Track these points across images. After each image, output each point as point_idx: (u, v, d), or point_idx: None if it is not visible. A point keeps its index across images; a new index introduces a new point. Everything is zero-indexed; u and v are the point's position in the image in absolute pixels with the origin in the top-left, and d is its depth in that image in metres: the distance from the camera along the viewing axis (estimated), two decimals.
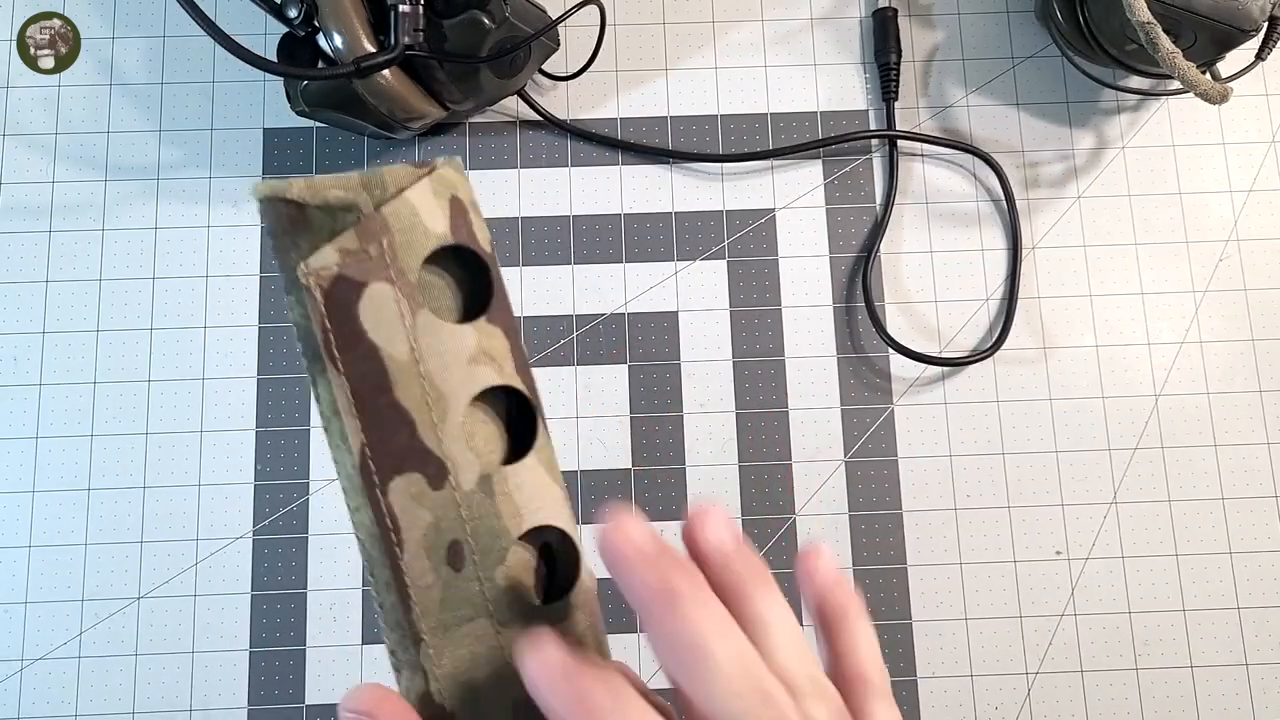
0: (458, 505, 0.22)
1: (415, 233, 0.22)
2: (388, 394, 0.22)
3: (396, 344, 0.22)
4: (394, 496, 0.22)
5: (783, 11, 0.56)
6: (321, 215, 0.22)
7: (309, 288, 0.21)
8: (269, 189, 0.21)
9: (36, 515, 0.50)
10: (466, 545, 0.22)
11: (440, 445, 0.22)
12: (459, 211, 0.23)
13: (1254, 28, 0.48)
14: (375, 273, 0.22)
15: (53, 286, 0.52)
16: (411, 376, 0.22)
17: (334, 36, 0.46)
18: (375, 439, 0.22)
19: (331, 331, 0.22)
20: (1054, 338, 0.53)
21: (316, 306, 0.21)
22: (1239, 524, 0.51)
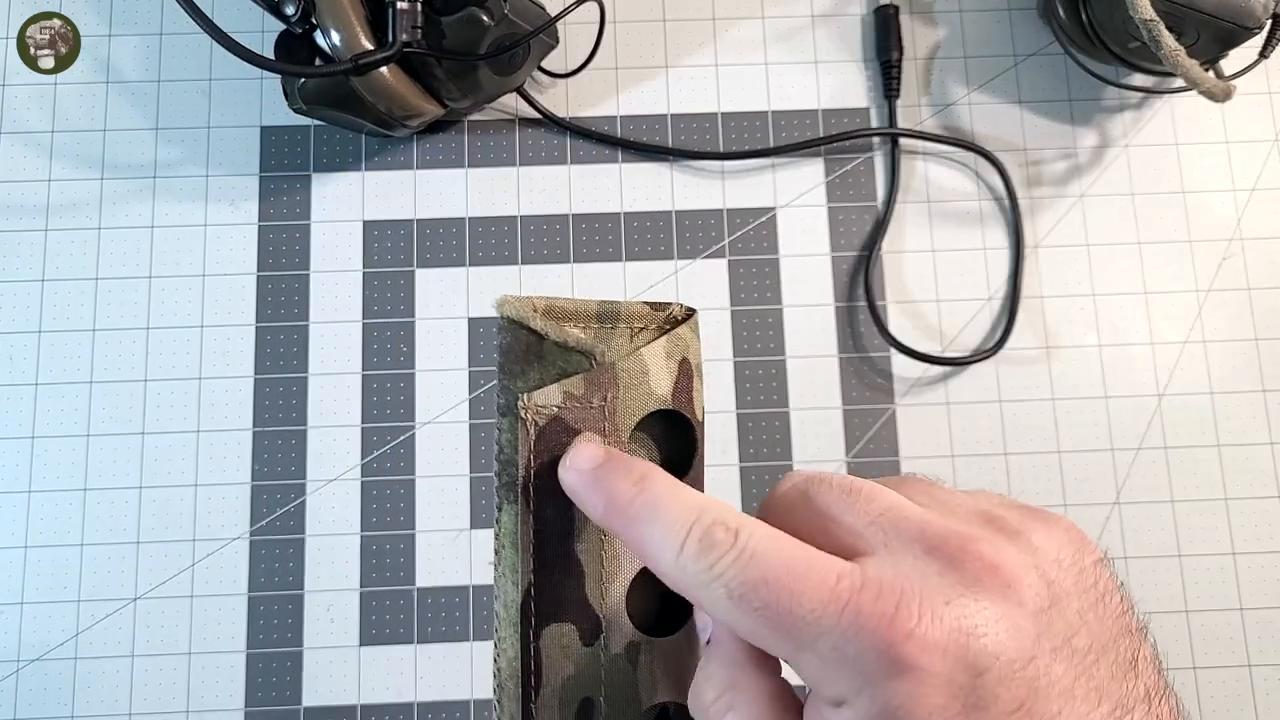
0: (601, 666, 0.23)
1: (639, 392, 0.23)
2: (568, 543, 0.22)
3: (597, 507, 0.22)
4: (545, 642, 0.22)
5: (784, 8, 0.56)
6: (557, 350, 0.22)
7: (525, 421, 0.22)
8: (515, 311, 0.22)
9: (32, 515, 0.50)
10: (598, 706, 0.23)
11: (602, 605, 0.23)
12: (685, 375, 0.24)
13: (1257, 25, 0.47)
14: (592, 424, 0.22)
15: (49, 285, 0.52)
16: (594, 532, 0.22)
17: (331, 34, 0.46)
18: (544, 582, 0.22)
19: (535, 470, 0.22)
20: (1056, 337, 0.53)
21: (528, 441, 0.22)
22: (1242, 525, 0.51)
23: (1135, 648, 0.19)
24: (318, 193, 0.54)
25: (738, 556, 0.19)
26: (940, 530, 0.19)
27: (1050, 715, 0.18)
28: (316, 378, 0.52)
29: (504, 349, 0.22)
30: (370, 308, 0.52)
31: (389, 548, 0.50)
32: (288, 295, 0.52)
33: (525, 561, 0.22)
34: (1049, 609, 0.18)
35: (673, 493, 0.21)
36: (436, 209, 0.54)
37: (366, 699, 0.49)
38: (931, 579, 0.18)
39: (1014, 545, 0.19)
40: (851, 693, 0.18)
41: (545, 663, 0.22)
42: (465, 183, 0.54)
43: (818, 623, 0.18)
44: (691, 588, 0.20)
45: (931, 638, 0.17)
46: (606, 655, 0.23)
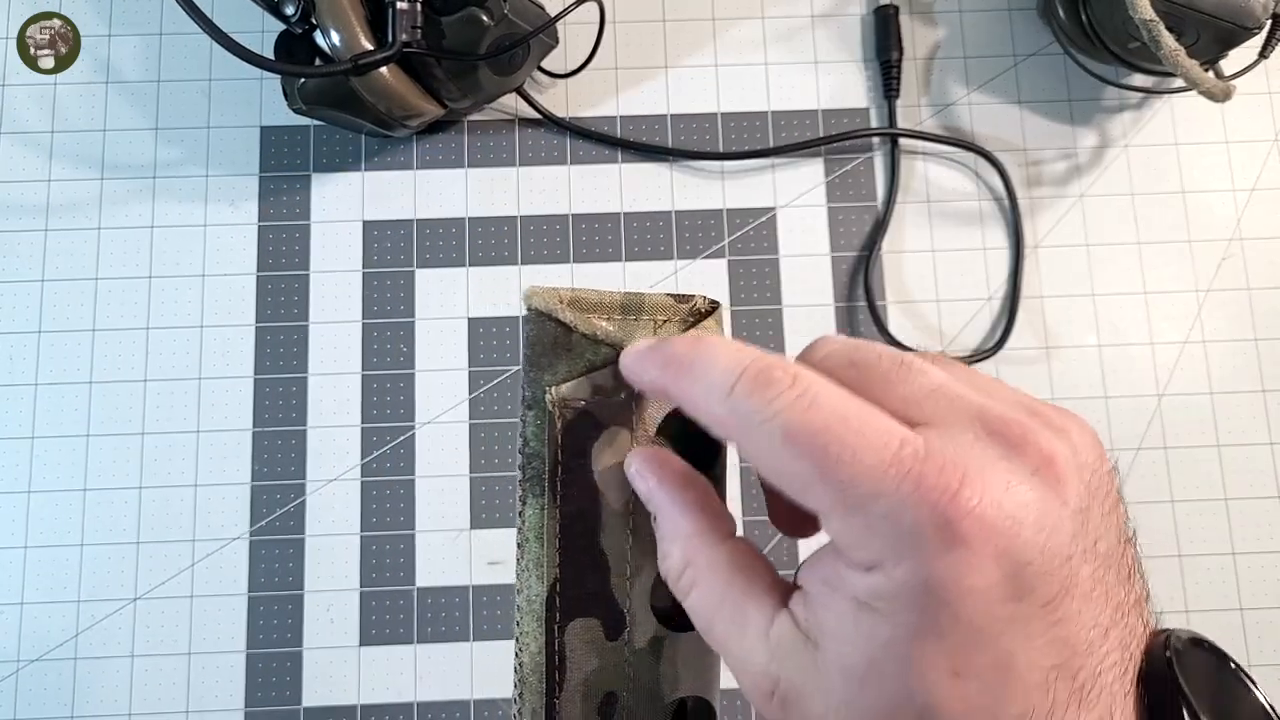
0: (625, 660, 0.23)
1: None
2: (594, 538, 0.22)
3: (615, 491, 0.22)
4: (569, 636, 0.22)
5: (784, 8, 0.56)
6: (585, 342, 0.22)
7: (553, 414, 0.22)
8: (543, 302, 0.22)
9: (32, 516, 0.50)
10: (621, 699, 0.23)
11: (627, 599, 0.22)
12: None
13: (1257, 26, 0.47)
14: (620, 418, 0.22)
15: (48, 285, 0.52)
16: (621, 529, 0.22)
17: (331, 34, 0.46)
18: (569, 576, 0.22)
19: (562, 464, 0.22)
20: (1056, 337, 0.53)
21: (555, 434, 0.22)
22: (1242, 525, 0.51)
23: (1132, 555, 0.20)
24: (318, 193, 0.54)
25: (799, 397, 0.19)
26: (1000, 414, 0.19)
27: (1073, 614, 0.18)
28: (316, 378, 0.52)
29: (531, 340, 0.22)
30: (370, 308, 0.52)
31: (389, 548, 0.50)
32: (288, 295, 0.52)
33: (551, 556, 0.22)
34: (1085, 510, 0.19)
35: (729, 343, 0.20)
36: (436, 209, 0.54)
37: (366, 699, 0.49)
38: (995, 462, 0.18)
39: (1062, 441, 0.19)
40: (891, 560, 0.18)
41: (569, 657, 0.22)
42: (465, 183, 0.54)
43: (876, 484, 0.18)
44: (742, 428, 0.19)
45: (990, 519, 0.17)
46: (631, 649, 0.23)
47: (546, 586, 0.22)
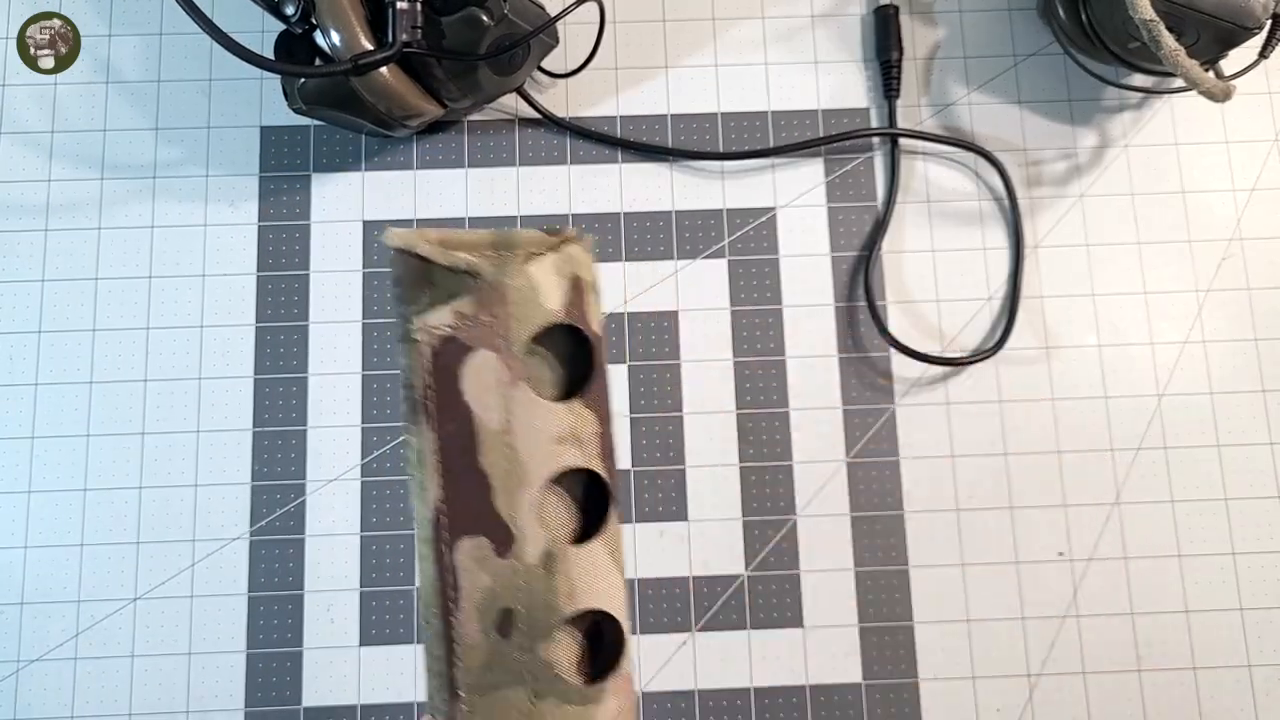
0: (517, 576, 0.23)
1: (530, 307, 0.23)
2: (472, 457, 0.23)
3: (490, 411, 0.23)
4: (459, 555, 0.23)
5: (784, 9, 0.56)
6: (447, 275, 0.23)
7: (419, 343, 0.23)
8: (402, 240, 0.23)
9: (32, 516, 0.50)
10: (518, 615, 0.23)
11: (513, 515, 0.23)
12: (577, 291, 0.24)
13: (1257, 26, 0.47)
14: (484, 340, 0.23)
15: (49, 285, 0.52)
16: (498, 444, 0.23)
17: (331, 34, 0.46)
18: (452, 497, 0.23)
19: (432, 389, 0.23)
20: (1056, 337, 0.53)
21: (423, 362, 0.23)
22: (1242, 525, 0.51)
23: None
24: (318, 193, 0.54)
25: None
26: None
27: None
28: (316, 378, 0.52)
29: (395, 278, 0.23)
30: (370, 308, 0.52)
31: (389, 548, 0.50)
32: (288, 295, 0.52)
33: (432, 478, 0.23)
34: None
35: None
36: (436, 209, 0.54)
37: (366, 699, 0.49)
38: None
39: None
40: None
41: (461, 575, 0.23)
42: (465, 183, 0.54)
43: None
44: None
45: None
46: (522, 565, 0.23)
47: (431, 509, 0.23)
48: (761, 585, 0.50)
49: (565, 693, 0.24)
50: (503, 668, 0.23)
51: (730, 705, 0.49)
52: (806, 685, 0.49)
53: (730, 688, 0.49)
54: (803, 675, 0.49)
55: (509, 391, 0.23)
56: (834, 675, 0.49)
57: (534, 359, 0.24)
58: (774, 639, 0.50)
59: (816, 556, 0.50)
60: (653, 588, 0.50)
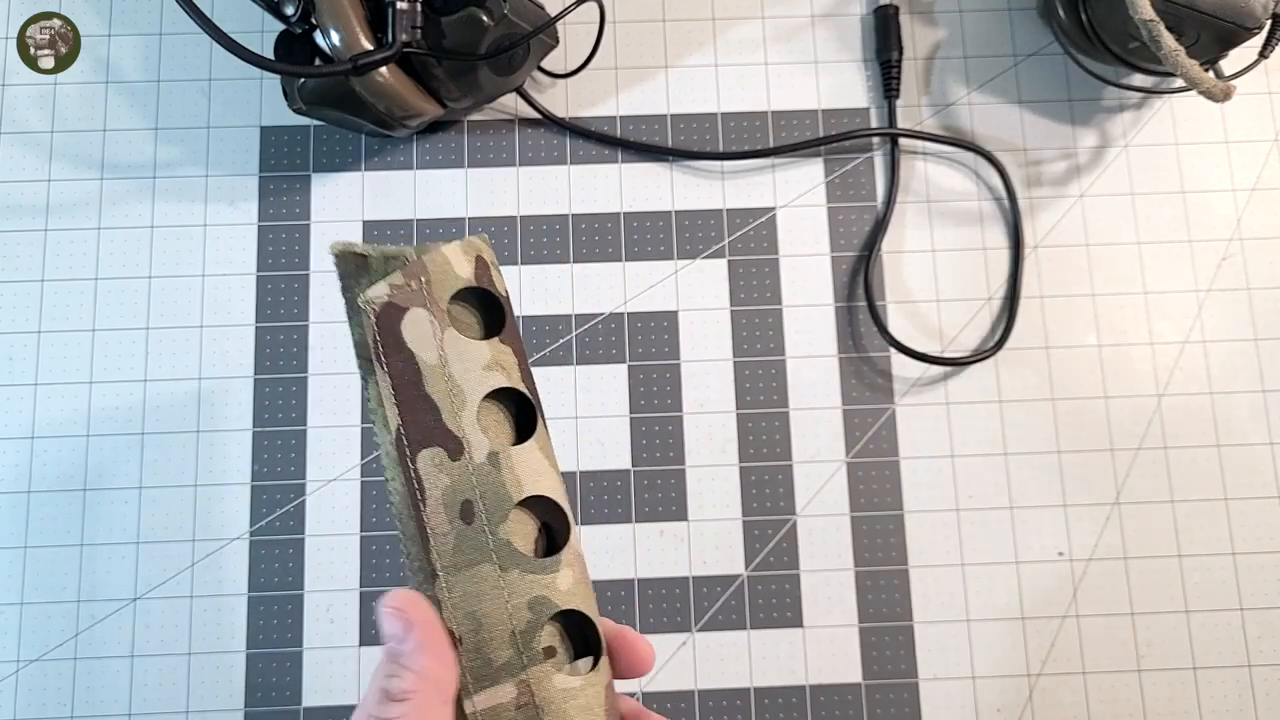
0: (470, 473, 0.28)
1: (446, 275, 0.29)
2: (420, 387, 0.29)
3: (429, 351, 0.29)
4: (421, 464, 0.28)
5: (784, 8, 0.56)
6: (379, 262, 0.29)
7: (366, 311, 0.29)
8: (343, 246, 0.30)
9: (32, 516, 0.50)
10: (477, 504, 0.28)
11: (460, 427, 0.29)
12: (482, 265, 0.30)
13: (1257, 25, 0.47)
14: (415, 301, 0.29)
15: (48, 285, 0.52)
16: (439, 376, 0.29)
17: (331, 34, 0.46)
18: (409, 421, 0.29)
19: (380, 341, 0.29)
20: (1056, 337, 0.53)
21: (370, 324, 0.29)
22: (1242, 525, 0.51)
23: None
24: (318, 193, 0.54)
25: None
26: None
27: None
28: (316, 378, 0.52)
29: (342, 274, 0.30)
30: None
31: (389, 548, 0.50)
32: (288, 295, 0.52)
33: (391, 409, 0.29)
34: None
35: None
36: (436, 209, 0.54)
37: None
38: None
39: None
40: None
41: (425, 479, 0.28)
42: (465, 183, 0.54)
43: None
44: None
45: None
46: (473, 464, 0.28)
47: (394, 433, 0.29)
48: (761, 585, 0.50)
49: (527, 564, 0.28)
50: (471, 547, 0.28)
51: (730, 705, 0.49)
52: (806, 685, 0.49)
53: (730, 688, 0.49)
54: (803, 675, 0.49)
55: (441, 336, 0.29)
56: (834, 675, 0.49)
57: (458, 316, 0.30)
58: (774, 639, 0.50)
59: (816, 556, 0.50)
60: (653, 588, 0.50)
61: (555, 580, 0.28)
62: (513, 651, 0.28)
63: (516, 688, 0.28)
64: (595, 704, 0.29)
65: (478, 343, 0.29)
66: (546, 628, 0.28)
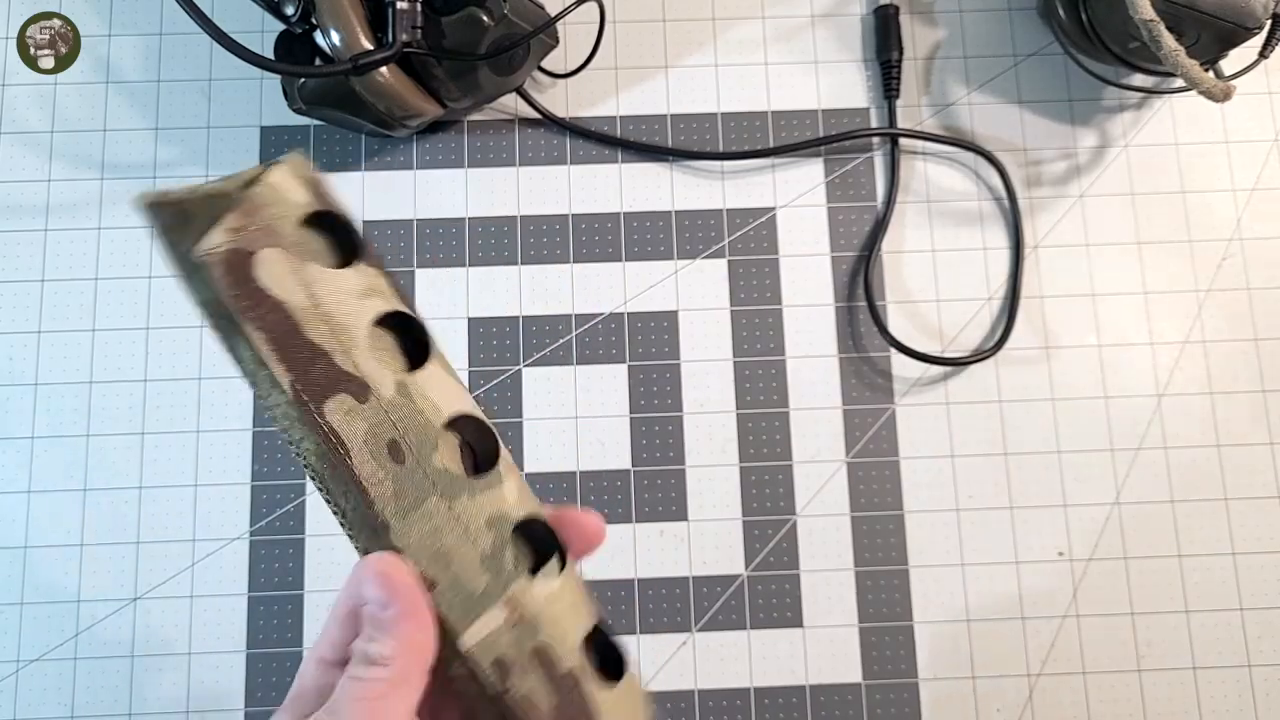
0: (385, 411, 0.26)
1: (285, 205, 0.26)
2: (299, 335, 0.26)
3: (295, 294, 0.26)
4: (330, 416, 0.26)
5: (784, 8, 0.56)
6: (201, 207, 0.25)
7: (209, 265, 0.25)
8: (151, 196, 0.26)
9: (32, 516, 0.50)
10: (402, 442, 0.26)
11: (356, 366, 0.26)
12: (314, 186, 0.27)
13: (1257, 25, 0.47)
14: (261, 241, 0.25)
15: (48, 285, 0.52)
16: (315, 317, 0.26)
17: (331, 34, 0.46)
18: (300, 373, 0.26)
19: (238, 296, 0.25)
20: (1056, 337, 0.53)
21: (219, 278, 0.25)
22: (1242, 525, 0.51)
23: None
24: None
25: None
26: None
27: None
28: None
29: (162, 229, 0.26)
30: None
31: None
32: None
33: (277, 367, 0.26)
34: None
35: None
36: (436, 209, 0.54)
37: None
38: None
39: None
40: None
41: (340, 430, 0.26)
42: (465, 183, 0.54)
43: None
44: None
45: None
46: (384, 401, 0.26)
47: (289, 388, 0.26)
48: (761, 585, 0.50)
49: (470, 486, 0.27)
50: (412, 487, 0.27)
51: (730, 705, 0.49)
52: (806, 685, 0.49)
53: (730, 688, 0.49)
54: (803, 675, 0.49)
55: (302, 273, 0.26)
56: (834, 675, 0.49)
57: (309, 247, 0.27)
58: (774, 639, 0.50)
59: (816, 556, 0.50)
60: (652, 588, 0.50)
61: (502, 493, 0.28)
62: (489, 576, 0.27)
63: (504, 608, 0.27)
64: (577, 598, 0.28)
65: (342, 271, 0.27)
66: (512, 531, 0.28)
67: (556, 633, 0.27)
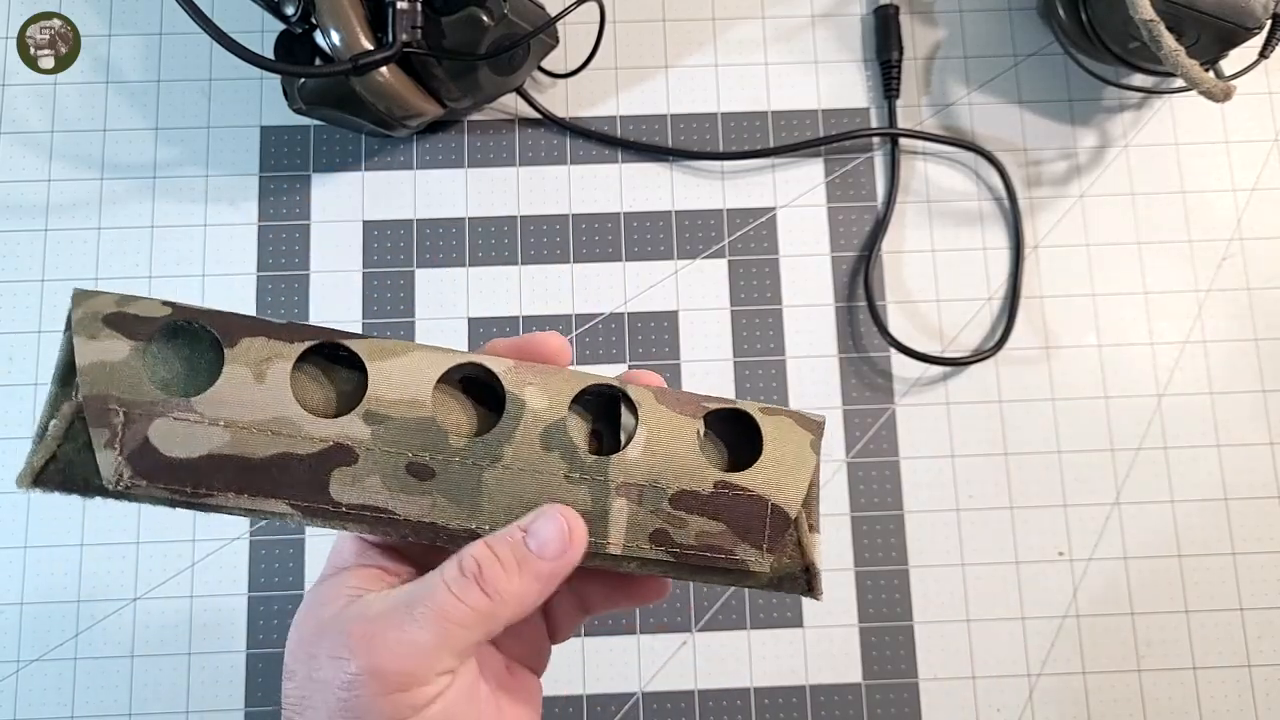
0: (380, 447, 0.25)
1: (116, 370, 0.24)
2: (251, 464, 0.24)
3: (212, 438, 0.24)
4: (342, 497, 0.25)
5: (784, 8, 0.56)
6: (62, 429, 0.24)
7: (131, 491, 0.24)
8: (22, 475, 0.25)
9: (32, 516, 0.50)
10: (416, 458, 0.25)
11: (319, 438, 0.25)
12: (123, 320, 0.25)
13: (1257, 25, 0.47)
14: (138, 425, 0.24)
15: (49, 285, 0.52)
16: (246, 438, 0.24)
17: (331, 34, 0.46)
18: (287, 493, 0.25)
19: (172, 486, 0.24)
20: (1056, 337, 0.53)
21: (147, 492, 0.24)
22: (1242, 525, 0.51)
23: None
24: (318, 193, 0.54)
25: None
26: None
27: None
28: None
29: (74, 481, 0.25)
30: (370, 308, 0.52)
31: None
32: (288, 295, 0.52)
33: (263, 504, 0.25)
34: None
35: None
36: (436, 209, 0.54)
37: None
38: None
39: None
40: None
41: (358, 501, 0.25)
42: (465, 183, 0.54)
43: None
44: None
45: None
46: (369, 440, 0.25)
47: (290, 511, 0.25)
48: None
49: (499, 434, 0.26)
50: (458, 484, 0.25)
51: (730, 705, 0.49)
52: (806, 685, 0.49)
53: (730, 688, 0.49)
54: (803, 675, 0.49)
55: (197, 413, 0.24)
56: (834, 675, 0.49)
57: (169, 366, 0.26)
58: (774, 639, 0.50)
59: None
60: None
61: (531, 413, 0.26)
62: (585, 485, 0.26)
63: (619, 497, 0.26)
64: (668, 420, 0.27)
65: (226, 372, 0.25)
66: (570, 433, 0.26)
67: (676, 470, 0.26)
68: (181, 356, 0.25)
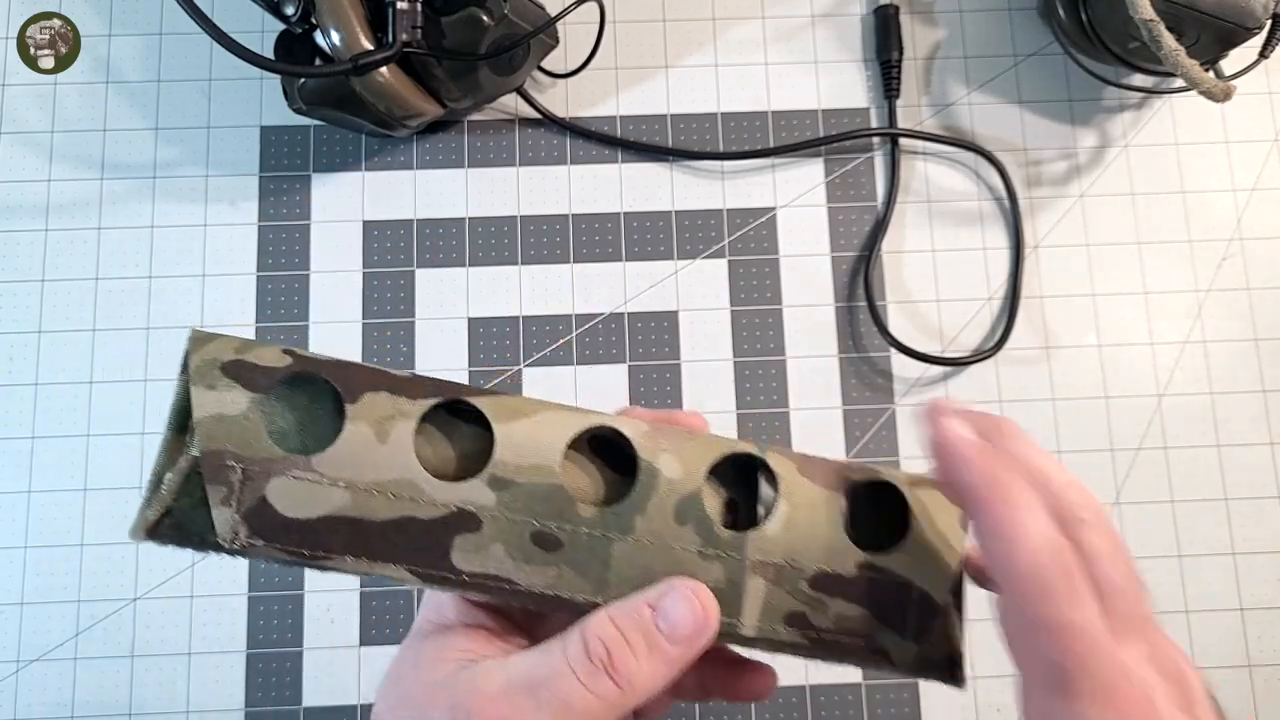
0: (506, 515, 0.24)
1: (235, 424, 0.24)
2: (372, 529, 0.23)
3: (333, 497, 0.23)
4: (465, 566, 0.24)
5: (784, 8, 0.56)
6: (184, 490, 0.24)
7: (248, 549, 0.23)
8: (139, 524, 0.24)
9: (32, 515, 0.50)
10: (543, 527, 0.24)
11: (442, 503, 0.24)
12: (245, 371, 0.24)
13: (1257, 25, 0.47)
14: (256, 482, 0.23)
15: (48, 285, 0.52)
16: (367, 500, 0.23)
17: (331, 34, 0.46)
18: (407, 559, 0.24)
19: (292, 548, 0.23)
20: (1056, 337, 0.53)
21: (265, 549, 0.23)
22: (1242, 525, 0.51)
23: None
24: (318, 193, 0.54)
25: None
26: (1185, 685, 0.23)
27: None
28: None
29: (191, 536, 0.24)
30: (370, 308, 0.52)
31: None
32: (288, 295, 0.52)
33: (382, 569, 0.24)
34: None
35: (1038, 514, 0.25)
36: (436, 209, 0.54)
37: (366, 699, 0.49)
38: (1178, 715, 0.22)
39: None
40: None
41: (480, 569, 0.24)
42: (465, 183, 0.54)
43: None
44: (1031, 594, 0.24)
45: None
46: (494, 507, 0.24)
47: (410, 576, 0.24)
48: None
49: (630, 504, 0.24)
50: (585, 556, 0.24)
51: (730, 705, 0.49)
52: (806, 685, 0.49)
53: None
54: (803, 675, 0.49)
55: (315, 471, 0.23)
56: (834, 675, 0.49)
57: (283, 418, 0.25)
58: None
59: None
60: None
61: (663, 481, 0.25)
62: (718, 561, 0.24)
63: (755, 575, 0.24)
64: (811, 495, 0.26)
65: (346, 430, 0.24)
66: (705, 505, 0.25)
67: (817, 549, 0.25)
68: (299, 406, 0.25)
